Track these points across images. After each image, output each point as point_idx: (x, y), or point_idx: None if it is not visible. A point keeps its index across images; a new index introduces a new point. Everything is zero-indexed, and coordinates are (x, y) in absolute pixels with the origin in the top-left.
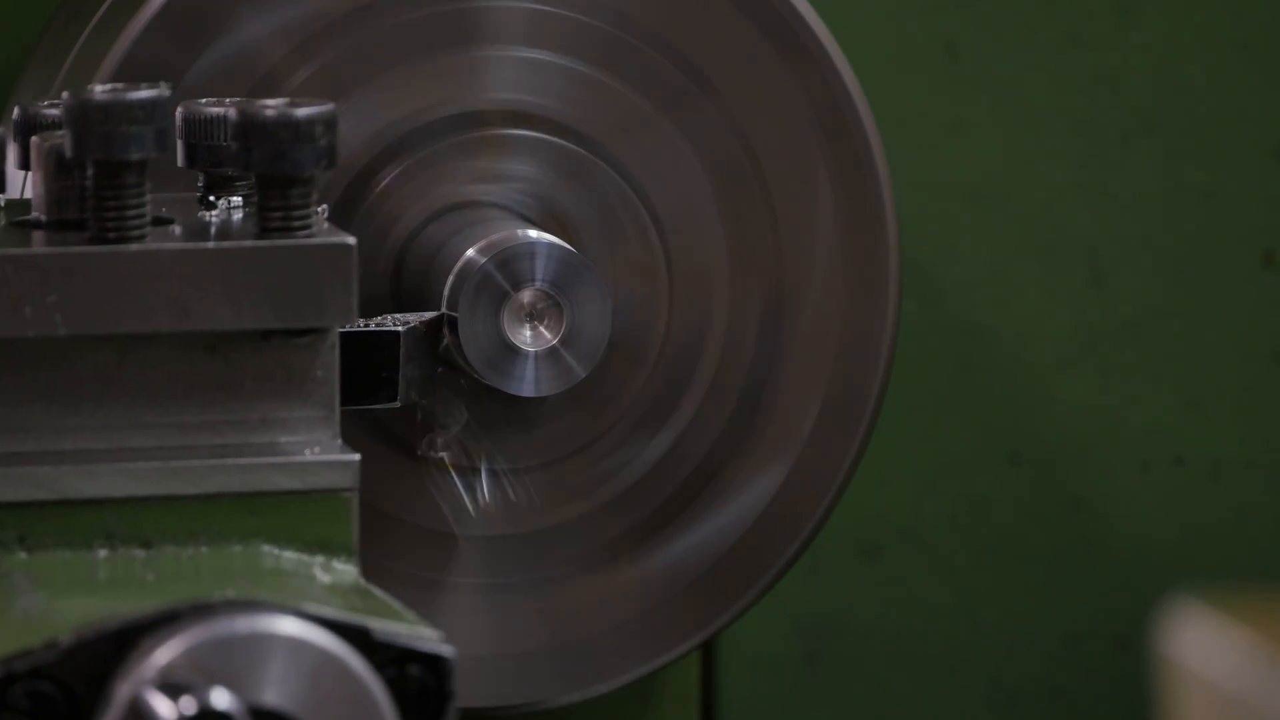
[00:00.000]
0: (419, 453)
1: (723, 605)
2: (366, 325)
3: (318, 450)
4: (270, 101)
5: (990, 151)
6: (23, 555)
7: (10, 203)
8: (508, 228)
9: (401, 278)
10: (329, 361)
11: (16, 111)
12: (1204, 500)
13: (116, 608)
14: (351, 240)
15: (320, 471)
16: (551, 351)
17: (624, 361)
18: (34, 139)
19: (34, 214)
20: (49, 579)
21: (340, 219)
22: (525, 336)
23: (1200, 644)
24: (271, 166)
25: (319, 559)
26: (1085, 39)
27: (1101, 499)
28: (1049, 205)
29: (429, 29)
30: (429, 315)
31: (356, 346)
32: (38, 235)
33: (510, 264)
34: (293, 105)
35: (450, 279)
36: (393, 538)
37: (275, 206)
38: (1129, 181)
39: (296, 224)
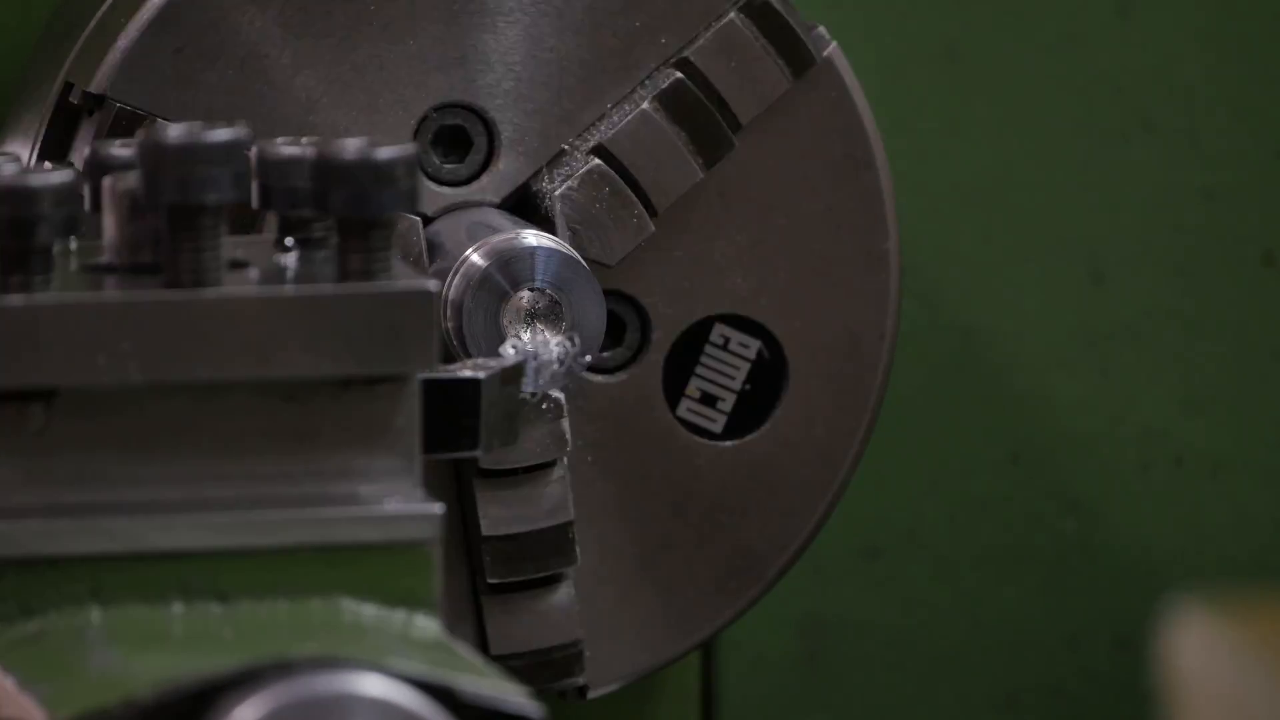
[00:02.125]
0: None
1: (723, 605)
2: (447, 371)
3: (399, 501)
4: (349, 142)
5: (990, 151)
6: (96, 610)
7: (82, 246)
8: (507, 229)
9: None
10: (410, 410)
11: (89, 151)
12: (1204, 500)
13: (194, 664)
14: (434, 286)
15: (401, 523)
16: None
17: (623, 361)
18: (106, 180)
19: (106, 257)
20: (123, 634)
21: None
22: (525, 337)
23: (1200, 644)
24: (352, 209)
25: (400, 613)
26: (1085, 39)
27: (1101, 499)
28: (1049, 205)
29: (429, 27)
30: (510, 361)
31: (437, 394)
32: (110, 280)
33: (509, 265)
34: (372, 146)
35: (454, 280)
36: (530, 553)
37: (355, 250)
38: (1129, 181)
39: (377, 268)
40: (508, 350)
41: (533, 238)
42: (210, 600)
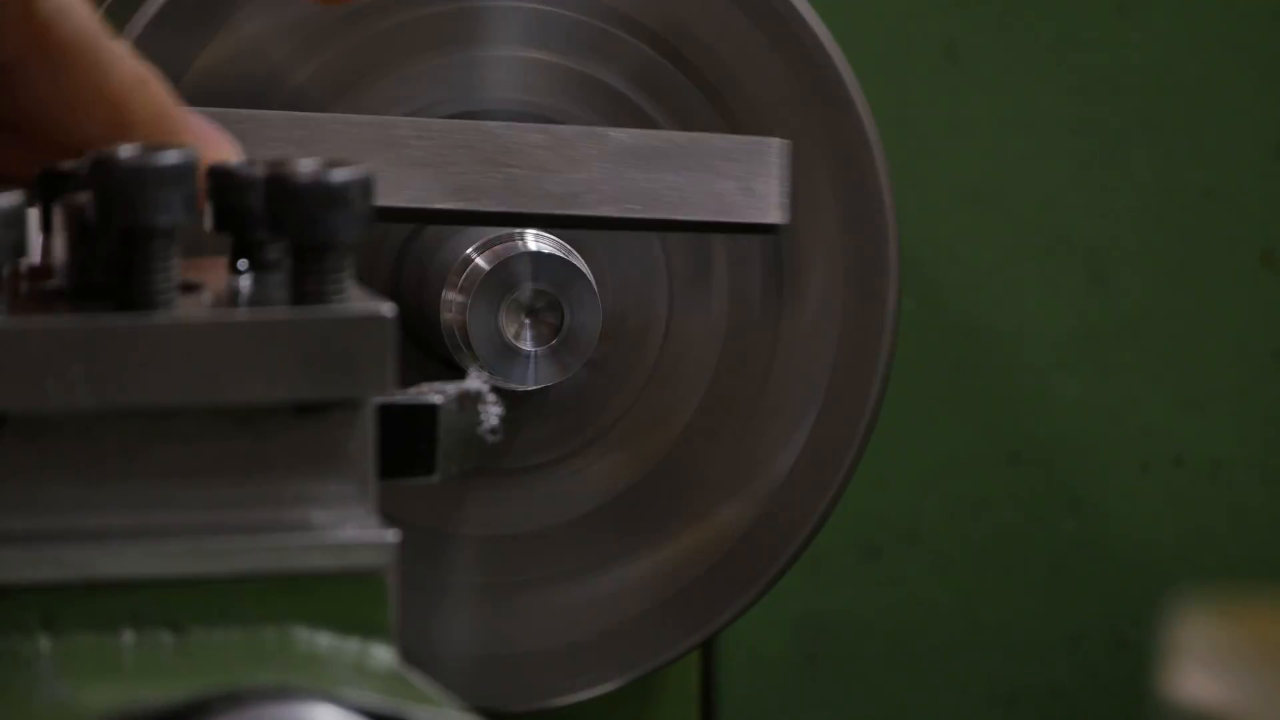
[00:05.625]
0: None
1: (723, 605)
2: (403, 396)
3: (353, 527)
4: (304, 164)
5: (990, 151)
6: (46, 639)
7: (32, 268)
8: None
9: (402, 276)
10: (364, 435)
11: (39, 172)
12: (1204, 500)
13: (144, 695)
14: (389, 311)
15: (355, 551)
16: (550, 350)
17: (623, 361)
18: (56, 202)
19: (56, 280)
20: (74, 664)
21: None
22: (525, 336)
23: (1200, 644)
24: (305, 233)
25: (354, 642)
26: (1085, 39)
27: (1101, 499)
28: (1049, 205)
29: (429, 28)
30: (466, 385)
31: (392, 419)
32: (61, 303)
33: (510, 266)
34: (327, 168)
35: (456, 280)
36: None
37: (309, 273)
38: (1129, 181)
39: (331, 291)
40: (472, 378)
41: (532, 240)
42: (162, 629)
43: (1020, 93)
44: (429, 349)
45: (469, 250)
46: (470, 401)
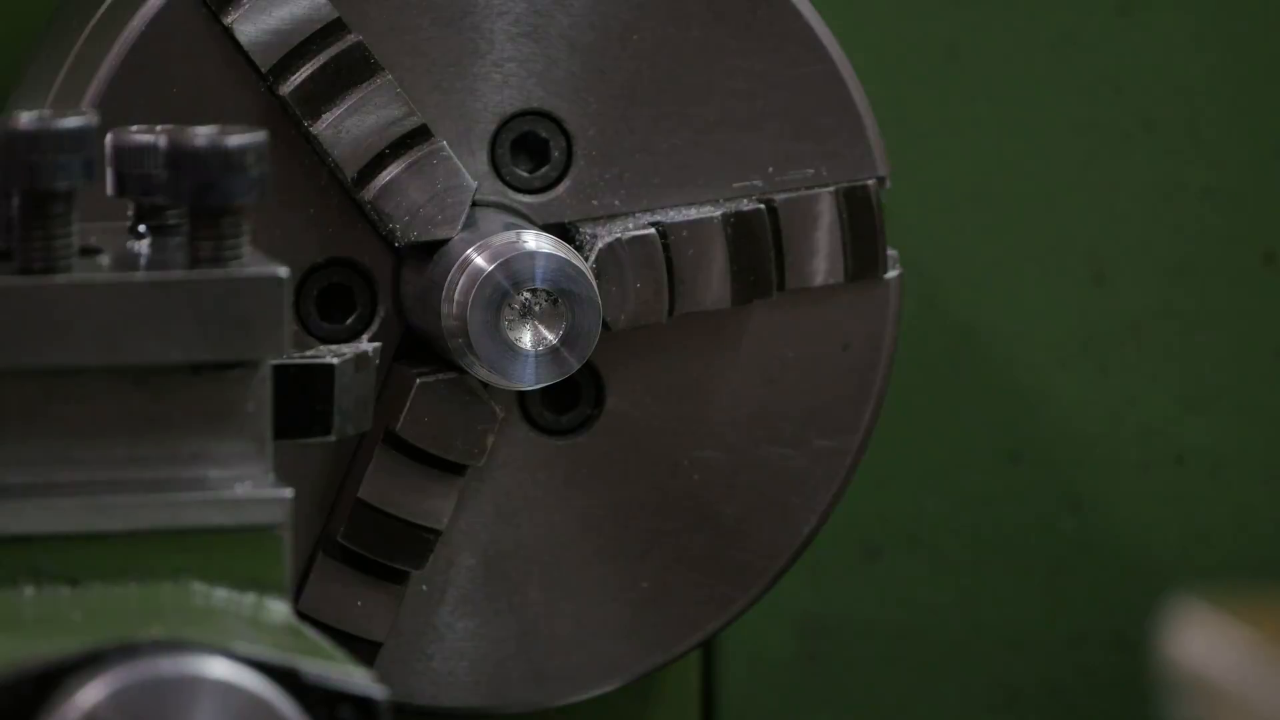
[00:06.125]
0: None
1: (722, 605)
2: (301, 357)
3: (249, 485)
4: (201, 130)
5: (990, 151)
6: None
7: None
8: (508, 230)
9: (402, 278)
10: (261, 395)
11: None
12: (1204, 500)
13: (41, 647)
14: (284, 272)
15: (251, 507)
16: (551, 349)
17: (624, 359)
18: None
19: None
20: None
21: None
22: (526, 336)
23: (1200, 644)
24: (202, 196)
25: (251, 596)
26: (1085, 39)
27: (1101, 499)
28: (1049, 205)
29: (433, 28)
30: (364, 347)
31: (290, 379)
32: None
33: (510, 267)
34: (224, 134)
35: (459, 280)
36: (389, 536)
37: (206, 237)
38: (1129, 181)
39: (228, 254)
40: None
41: (533, 240)
42: (61, 584)
43: (1020, 93)
44: (430, 350)
45: (469, 251)
46: (365, 363)
